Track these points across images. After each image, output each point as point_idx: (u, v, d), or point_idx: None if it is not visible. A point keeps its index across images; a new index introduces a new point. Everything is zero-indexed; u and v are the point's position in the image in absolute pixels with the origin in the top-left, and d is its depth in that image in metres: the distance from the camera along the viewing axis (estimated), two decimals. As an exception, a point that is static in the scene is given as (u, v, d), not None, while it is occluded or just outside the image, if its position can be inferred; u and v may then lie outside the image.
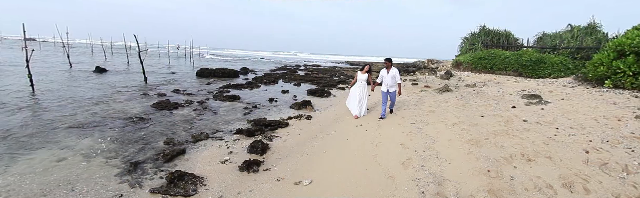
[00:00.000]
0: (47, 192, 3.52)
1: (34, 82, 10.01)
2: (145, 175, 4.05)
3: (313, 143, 5.27)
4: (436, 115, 6.53)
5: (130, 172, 4.08)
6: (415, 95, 9.48)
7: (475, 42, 22.03)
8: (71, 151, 4.83)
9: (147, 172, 4.14)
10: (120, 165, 4.34)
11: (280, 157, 4.77)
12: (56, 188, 3.61)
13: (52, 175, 3.95)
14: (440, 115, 6.51)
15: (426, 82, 13.09)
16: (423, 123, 5.88)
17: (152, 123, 6.65)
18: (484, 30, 22.21)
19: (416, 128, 5.48)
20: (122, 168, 4.23)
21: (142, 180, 3.86)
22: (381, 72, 6.56)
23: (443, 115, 6.50)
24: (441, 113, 6.72)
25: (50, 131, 5.88)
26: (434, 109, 7.14)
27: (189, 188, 3.55)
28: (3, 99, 8.44)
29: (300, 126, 6.62)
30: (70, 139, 5.39)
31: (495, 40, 21.33)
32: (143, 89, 11.38)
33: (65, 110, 7.63)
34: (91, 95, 9.67)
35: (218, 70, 16.69)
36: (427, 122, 5.94)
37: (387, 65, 6.45)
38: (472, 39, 22.57)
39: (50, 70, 15.87)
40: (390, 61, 6.41)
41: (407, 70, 21.92)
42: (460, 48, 23.54)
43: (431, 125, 5.67)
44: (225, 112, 8.23)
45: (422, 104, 7.84)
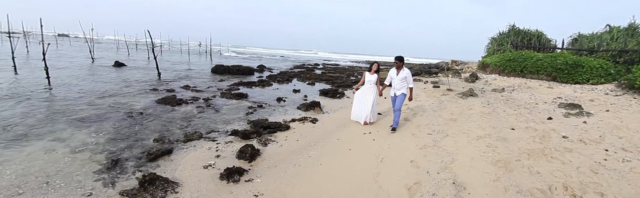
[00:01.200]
0: (22, 184, 3.44)
1: (53, 74, 10.08)
2: (123, 174, 3.82)
3: (310, 152, 4.58)
4: (458, 124, 5.64)
5: (109, 170, 3.88)
6: (435, 100, 8.55)
7: (503, 42, 20.42)
8: (62, 144, 4.76)
9: (126, 171, 3.91)
10: (103, 161, 4.16)
11: (269, 166, 4.14)
12: (32, 181, 3.52)
13: (34, 167, 3.88)
14: (462, 125, 5.61)
15: (449, 84, 12.03)
16: (441, 134, 5.04)
17: (151, 119, 6.45)
18: (514, 30, 20.50)
19: (432, 141, 4.66)
20: (103, 165, 4.04)
21: (118, 180, 3.64)
22: (390, 73, 5.63)
23: (466, 125, 5.59)
24: (464, 122, 5.80)
25: (51, 122, 5.87)
26: (456, 117, 6.22)
27: (157, 195, 3.19)
28: (17, 90, 8.81)
29: (302, 130, 5.93)
30: (67, 131, 5.35)
31: (526, 41, 19.71)
32: (154, 84, 11.26)
33: (71, 103, 7.68)
34: (102, 89, 9.72)
35: (233, 68, 16.29)
36: (446, 133, 5.09)
37: (398, 65, 5.49)
38: (500, 39, 20.91)
39: (72, 64, 16.27)
40: (401, 60, 5.45)
41: (429, 71, 20.71)
42: (487, 49, 21.91)
43: (451, 138, 4.81)
44: (228, 110, 7.74)
45: (442, 110, 6.92)
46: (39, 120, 6.00)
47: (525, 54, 15.66)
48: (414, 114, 6.63)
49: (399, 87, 5.50)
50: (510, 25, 20.92)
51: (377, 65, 5.92)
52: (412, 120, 6.13)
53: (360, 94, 5.98)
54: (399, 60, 5.45)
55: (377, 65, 5.90)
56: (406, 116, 6.43)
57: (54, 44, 33.30)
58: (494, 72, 17.04)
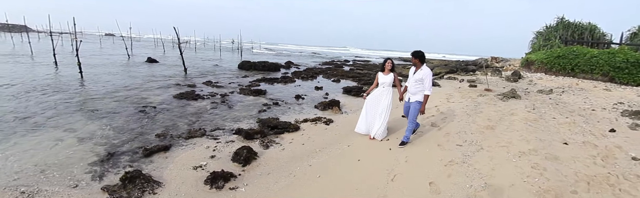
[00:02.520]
0: (20, 171, 3.49)
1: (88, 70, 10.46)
2: (114, 168, 3.71)
3: (311, 160, 3.92)
4: (496, 134, 4.62)
5: (102, 163, 3.81)
6: (470, 101, 7.46)
7: (551, 37, 18.11)
8: (72, 134, 4.85)
9: (118, 165, 3.79)
10: (102, 153, 4.10)
11: (262, 172, 3.60)
12: (31, 168, 3.56)
13: (38, 156, 3.94)
14: (501, 135, 4.59)
15: (487, 84, 10.70)
16: (474, 146, 4.10)
17: (162, 114, 6.37)
18: (563, 23, 18.06)
19: (462, 155, 3.75)
20: (100, 157, 3.99)
21: (106, 174, 3.53)
22: (409, 72, 4.46)
23: (505, 135, 4.56)
24: (503, 131, 4.77)
25: (70, 113, 6.08)
26: (494, 124, 5.17)
27: (133, 194, 2.98)
28: (50, 82, 9.41)
29: (312, 132, 5.25)
30: (80, 123, 5.45)
31: (577, 35, 17.37)
32: (178, 80, 11.28)
33: (95, 96, 7.90)
34: (127, 83, 9.94)
35: (259, 64, 15.98)
36: (480, 145, 4.14)
37: (414, 63, 4.23)
38: (547, 33, 18.52)
39: (109, 60, 17.11)
40: (417, 56, 4.11)
41: (466, 68, 18.99)
42: (531, 44, 19.57)
43: (485, 152, 3.86)
44: (242, 107, 7.33)
45: (477, 115, 5.88)
46: (60, 111, 6.23)
47: (577, 50, 13.67)
48: (444, 119, 5.66)
49: (413, 91, 4.26)
50: (558, 18, 18.53)
51: (392, 62, 4.58)
52: (441, 126, 5.17)
53: (371, 100, 4.66)
54: (414, 57, 4.16)
55: (392, 63, 4.57)
56: (434, 121, 5.49)
57: (98, 42, 35.58)
58: (539, 71, 15.17)
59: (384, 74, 4.60)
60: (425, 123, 5.34)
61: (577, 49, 13.90)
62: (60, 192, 3.06)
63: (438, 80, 13.66)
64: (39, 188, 3.12)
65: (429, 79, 4.03)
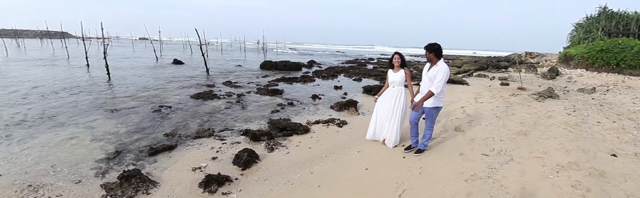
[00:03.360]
0: (33, 165, 3.64)
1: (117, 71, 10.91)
2: (118, 165, 3.72)
3: (314, 167, 3.55)
4: (529, 142, 3.94)
5: (109, 160, 3.85)
6: (501, 102, 6.71)
7: (592, 29, 16.26)
8: (88, 131, 5.00)
9: (122, 163, 3.80)
10: (110, 151, 4.16)
11: (260, 178, 3.33)
12: (42, 163, 3.70)
13: (53, 152, 4.09)
14: (536, 142, 3.91)
15: (521, 82, 9.72)
16: (503, 156, 3.48)
17: (176, 113, 6.37)
18: (606, 13, 16.10)
19: (487, 168, 3.17)
20: (108, 154, 4.04)
21: (109, 171, 3.54)
22: (423, 70, 3.67)
23: (541, 143, 3.87)
24: (538, 138, 4.06)
25: (91, 112, 6.27)
26: (528, 129, 4.45)
27: (127, 193, 2.94)
28: (81, 84, 9.85)
29: (322, 135, 4.86)
30: (98, 121, 5.61)
31: (622, 27, 15.50)
32: (199, 80, 11.35)
33: (117, 95, 8.14)
34: (149, 84, 10.14)
35: (280, 63, 15.81)
36: (510, 155, 3.51)
37: (429, 58, 3.49)
38: (588, 24, 16.62)
39: (138, 62, 17.83)
40: (431, 50, 3.39)
41: (497, 65, 17.64)
42: (570, 37, 17.72)
43: (516, 164, 3.24)
44: (256, 107, 7.12)
45: (509, 118, 5.17)
46: (82, 110, 6.46)
47: (623, 43, 12.14)
48: (470, 122, 5.01)
49: (425, 91, 3.50)
50: (600, 7, 16.58)
51: (400, 56, 3.84)
52: (465, 130, 4.55)
53: (381, 102, 4.04)
54: (429, 50, 3.40)
55: (400, 57, 3.83)
56: (459, 124, 4.88)
57: (131, 46, 37.31)
58: (579, 66, 13.74)
59: (394, 72, 3.92)
60: (448, 127, 4.75)
61: (623, 41, 12.36)
62: (62, 187, 3.12)
63: (467, 78, 12.74)
64: (45, 182, 3.22)
65: (443, 76, 3.24)
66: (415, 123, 3.71)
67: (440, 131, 4.60)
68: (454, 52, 59.63)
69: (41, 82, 9.80)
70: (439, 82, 3.26)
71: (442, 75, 3.27)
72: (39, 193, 2.98)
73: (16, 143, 4.40)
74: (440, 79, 3.27)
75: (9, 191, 3.00)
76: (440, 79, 3.26)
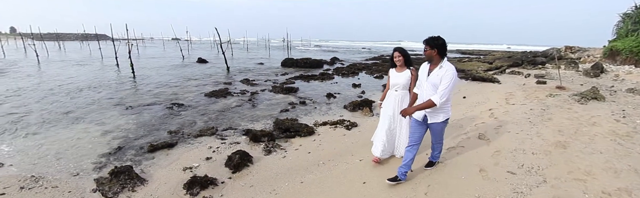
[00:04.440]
0: (42, 157, 3.79)
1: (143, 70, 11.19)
2: (117, 161, 3.74)
3: (307, 176, 3.14)
4: (568, 156, 3.14)
5: (110, 155, 3.90)
6: (536, 103, 5.81)
7: None
8: (100, 127, 5.10)
9: (121, 159, 3.81)
10: (114, 146, 4.19)
11: (246, 183, 3.03)
12: (50, 155, 3.85)
13: (63, 145, 4.23)
14: (576, 158, 3.10)
15: (560, 80, 8.56)
16: (534, 176, 2.75)
17: (186, 111, 6.30)
18: None
19: (512, 192, 2.47)
20: (111, 149, 4.08)
21: (108, 166, 3.54)
22: (421, 68, 2.70)
23: (583, 159, 3.05)
24: (580, 153, 3.24)
25: (108, 109, 6.41)
26: (567, 140, 3.61)
27: (113, 189, 2.91)
28: (107, 82, 10.13)
29: (327, 138, 4.38)
30: (112, 118, 5.69)
31: None
32: (218, 78, 11.28)
33: (136, 93, 8.27)
34: (170, 82, 10.19)
35: (301, 61, 15.42)
36: (543, 174, 2.77)
37: (429, 56, 2.54)
38: (636, 15, 14.47)
39: (165, 61, 18.25)
40: (435, 46, 2.48)
41: (533, 61, 15.98)
42: (616, 29, 15.50)
43: (549, 188, 2.50)
44: (266, 106, 6.81)
45: (544, 124, 4.34)
46: (100, 106, 6.61)
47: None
48: (498, 128, 4.23)
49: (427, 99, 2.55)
50: None
51: (401, 54, 3.02)
52: (491, 139, 3.81)
53: (386, 109, 3.25)
54: (430, 45, 2.48)
55: (402, 55, 3.02)
56: (484, 130, 4.15)
57: (162, 46, 38.66)
58: (628, 62, 12.04)
59: (397, 71, 3.07)
60: (470, 135, 4.04)
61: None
62: (59, 179, 3.18)
63: (499, 75, 11.60)
64: (46, 173, 3.33)
65: (449, 81, 2.37)
66: (415, 145, 2.70)
67: (460, 139, 3.90)
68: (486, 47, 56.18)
69: (70, 80, 10.15)
70: (445, 90, 2.38)
71: (449, 80, 2.38)
72: (38, 183, 3.09)
73: (33, 136, 4.62)
74: (446, 85, 2.39)
75: (13, 180, 3.14)
76: (447, 85, 2.39)
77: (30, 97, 7.41)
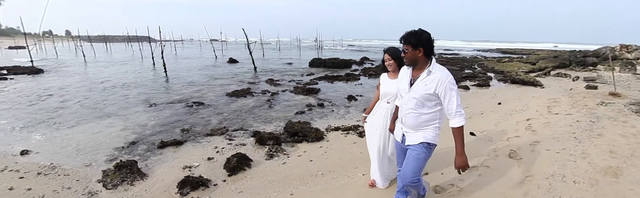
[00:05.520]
0: (65, 147, 4.06)
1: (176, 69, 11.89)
2: (127, 154, 3.86)
3: (300, 187, 2.85)
4: (621, 189, 2.45)
5: (123, 149, 4.04)
6: (584, 113, 4.93)
7: None
8: (123, 122, 5.32)
9: (132, 153, 3.92)
10: (129, 140, 4.34)
11: (236, 189, 2.87)
12: (72, 146, 4.08)
13: (86, 137, 4.48)
14: (630, 192, 2.41)
15: (614, 84, 7.38)
16: None
17: (204, 109, 6.34)
18: None
19: None
20: (126, 144, 4.22)
21: (118, 158, 3.60)
22: (400, 75, 2.03)
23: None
24: (636, 184, 2.53)
25: (134, 105, 6.64)
26: (620, 165, 2.86)
27: (114, 182, 2.99)
28: (141, 80, 10.53)
29: (335, 145, 4.01)
30: (136, 114, 5.90)
31: None
32: (244, 77, 11.31)
33: (163, 91, 8.50)
34: (197, 81, 10.40)
35: (329, 61, 15.08)
36: None
37: (413, 59, 1.81)
38: None
39: (198, 61, 18.84)
40: (418, 44, 1.74)
41: (583, 61, 14.19)
42: None
43: None
44: (283, 107, 6.61)
45: (591, 141, 3.57)
46: (129, 102, 6.90)
47: None
48: (534, 144, 3.54)
49: (412, 122, 1.92)
50: None
51: (392, 57, 2.28)
52: (524, 158, 3.15)
53: (372, 126, 2.59)
54: (410, 45, 1.76)
55: (392, 59, 2.28)
56: (518, 146, 3.48)
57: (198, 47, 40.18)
58: None
59: (390, 78, 2.38)
60: (499, 151, 3.42)
61: None
62: (72, 169, 3.36)
63: (542, 77, 10.39)
64: (63, 162, 3.53)
65: (452, 94, 1.75)
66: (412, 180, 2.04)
67: (486, 157, 3.29)
68: (530, 45, 51.51)
69: (108, 78, 10.73)
70: (458, 107, 1.75)
71: (453, 92, 1.73)
72: (54, 170, 3.31)
73: (63, 128, 4.96)
74: (455, 101, 1.74)
75: (34, 166, 3.40)
76: (456, 100, 1.75)
77: (71, 93, 7.92)
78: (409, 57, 1.81)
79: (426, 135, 1.89)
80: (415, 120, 1.89)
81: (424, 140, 1.89)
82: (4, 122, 5.29)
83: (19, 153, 3.82)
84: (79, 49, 21.51)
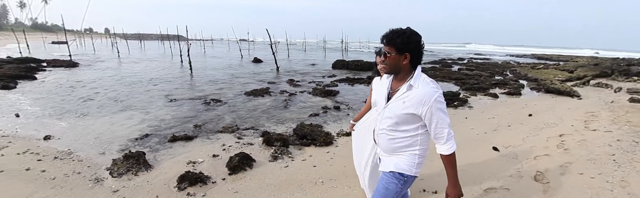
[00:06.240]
0: (84, 135, 4.30)
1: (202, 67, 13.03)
2: (139, 146, 3.99)
3: (295, 194, 2.72)
4: None
5: (136, 140, 4.18)
6: (626, 131, 4.35)
7: None
8: (142, 115, 5.53)
9: (144, 144, 4.04)
10: (144, 133, 4.48)
11: (232, 189, 2.83)
12: (91, 135, 4.32)
13: (105, 127, 4.73)
14: None
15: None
16: None
17: (220, 107, 6.42)
18: None
19: None
20: (140, 136, 4.37)
21: (130, 149, 3.77)
22: (380, 83, 1.67)
23: None
24: None
25: (156, 100, 6.87)
26: None
27: (120, 171, 3.11)
28: (167, 77, 10.75)
29: (343, 151, 3.82)
30: (156, 108, 6.11)
31: None
32: (265, 77, 11.38)
33: (186, 87, 8.71)
34: (220, 79, 10.63)
35: (352, 63, 14.88)
36: None
37: (395, 65, 1.40)
38: None
39: (223, 60, 19.39)
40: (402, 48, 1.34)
41: (627, 70, 12.94)
42: None
43: None
44: (298, 109, 6.53)
45: (633, 166, 3.11)
46: (151, 97, 7.15)
47: None
48: (565, 166, 3.15)
49: (384, 143, 1.55)
50: None
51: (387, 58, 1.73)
52: (552, 182, 2.78)
53: (358, 135, 2.34)
54: (394, 47, 1.35)
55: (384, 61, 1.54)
56: (545, 167, 3.09)
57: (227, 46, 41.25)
58: None
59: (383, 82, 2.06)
60: (523, 172, 3.03)
61: None
62: (86, 155, 3.56)
63: (580, 87, 9.58)
64: (79, 149, 3.76)
65: (440, 115, 1.37)
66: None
67: (507, 178, 2.92)
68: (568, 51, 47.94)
69: (137, 73, 11.25)
70: (446, 131, 1.40)
71: (441, 113, 1.37)
72: (69, 156, 3.51)
73: (87, 117, 5.27)
74: (444, 124, 1.39)
75: (53, 151, 3.64)
76: (444, 123, 1.39)
77: (101, 86, 8.38)
78: (390, 63, 1.39)
79: (399, 163, 1.49)
80: (387, 143, 1.52)
81: (395, 169, 1.49)
82: (37, 109, 5.75)
83: (43, 137, 4.09)
84: (114, 46, 22.77)
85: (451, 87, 10.12)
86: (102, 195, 2.67)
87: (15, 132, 4.34)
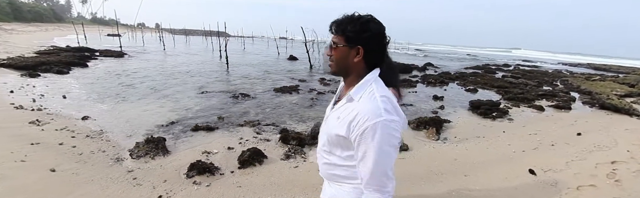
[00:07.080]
0: (118, 118, 4.63)
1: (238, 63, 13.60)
2: (164, 132, 4.21)
3: (297, 197, 2.67)
4: None
5: (162, 127, 4.42)
6: None
7: None
8: (173, 104, 5.85)
9: (169, 131, 4.25)
10: (171, 120, 4.72)
11: (235, 182, 2.85)
12: (123, 118, 4.64)
13: (138, 113, 5.05)
14: None
15: None
16: None
17: (248, 101, 6.56)
18: None
19: None
20: (166, 123, 4.60)
21: (153, 134, 3.98)
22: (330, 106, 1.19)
23: None
24: None
25: (190, 91, 7.19)
26: None
27: (139, 153, 3.30)
28: (205, 70, 11.06)
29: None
30: (187, 98, 6.39)
31: None
32: (297, 75, 11.44)
33: (219, 80, 9.02)
34: (253, 74, 10.90)
35: (387, 64, 14.42)
36: None
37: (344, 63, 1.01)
38: None
39: (261, 56, 19.94)
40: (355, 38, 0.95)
41: None
42: None
43: None
44: (323, 107, 6.31)
45: None
46: (185, 88, 7.55)
47: None
48: None
49: (320, 165, 1.19)
50: None
51: None
52: None
53: None
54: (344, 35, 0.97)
55: None
56: None
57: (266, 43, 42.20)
58: None
59: None
60: None
61: None
62: (114, 137, 3.85)
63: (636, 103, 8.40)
64: (110, 130, 4.06)
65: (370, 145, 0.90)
66: None
67: None
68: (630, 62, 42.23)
69: (177, 65, 11.95)
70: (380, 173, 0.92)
71: (375, 142, 0.89)
72: (100, 136, 3.81)
73: (124, 103, 5.68)
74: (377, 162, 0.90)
75: (87, 130, 3.98)
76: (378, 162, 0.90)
77: (143, 75, 8.97)
78: (337, 57, 1.01)
79: (337, 195, 1.15)
80: (323, 168, 1.17)
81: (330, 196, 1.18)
82: (83, 92, 6.33)
83: (81, 117, 4.48)
84: (162, 40, 24.31)
85: (492, 96, 9.41)
86: (118, 173, 2.85)
87: (59, 110, 4.75)
